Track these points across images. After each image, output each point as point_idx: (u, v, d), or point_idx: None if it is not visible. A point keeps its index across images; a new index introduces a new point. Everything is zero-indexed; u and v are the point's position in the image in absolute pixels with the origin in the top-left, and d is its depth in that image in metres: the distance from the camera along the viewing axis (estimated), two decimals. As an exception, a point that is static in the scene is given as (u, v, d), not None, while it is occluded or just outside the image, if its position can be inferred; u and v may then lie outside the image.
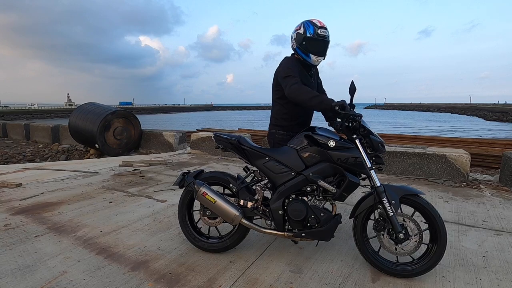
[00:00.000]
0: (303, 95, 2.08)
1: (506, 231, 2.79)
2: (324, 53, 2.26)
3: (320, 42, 2.20)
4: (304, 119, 2.44)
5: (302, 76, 2.25)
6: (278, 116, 2.42)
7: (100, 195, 3.76)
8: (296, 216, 2.07)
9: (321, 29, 2.18)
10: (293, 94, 2.11)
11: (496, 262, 2.23)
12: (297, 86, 2.10)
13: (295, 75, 2.16)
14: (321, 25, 2.20)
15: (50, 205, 3.36)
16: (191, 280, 2.00)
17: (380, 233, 2.05)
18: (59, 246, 2.42)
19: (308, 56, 2.23)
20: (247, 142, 2.28)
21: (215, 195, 2.22)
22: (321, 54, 2.24)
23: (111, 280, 1.98)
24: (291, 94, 2.12)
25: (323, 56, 2.27)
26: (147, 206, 3.39)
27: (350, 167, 2.03)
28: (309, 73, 2.34)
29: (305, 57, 2.25)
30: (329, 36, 2.23)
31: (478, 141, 9.97)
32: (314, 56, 2.23)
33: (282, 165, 2.15)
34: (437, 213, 1.98)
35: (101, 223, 2.90)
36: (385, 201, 1.97)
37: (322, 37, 2.19)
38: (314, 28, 2.18)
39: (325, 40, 2.22)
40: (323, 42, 2.21)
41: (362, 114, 2.04)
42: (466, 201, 3.65)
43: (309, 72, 2.34)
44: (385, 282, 1.98)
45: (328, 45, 2.25)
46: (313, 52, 2.22)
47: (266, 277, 2.04)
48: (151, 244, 2.48)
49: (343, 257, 2.29)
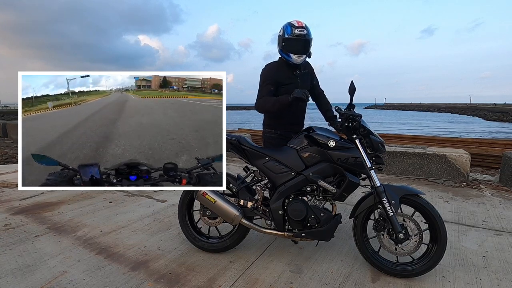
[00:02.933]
0: (266, 106, 2.27)
1: (506, 231, 2.79)
2: (305, 51, 2.28)
3: (297, 41, 2.24)
4: (292, 119, 2.46)
5: (282, 79, 2.32)
6: (266, 116, 2.51)
7: (100, 195, 3.76)
8: (296, 216, 2.07)
9: (298, 29, 2.23)
10: (259, 109, 2.34)
11: (496, 262, 2.23)
12: (260, 101, 2.30)
13: (264, 86, 2.31)
14: (299, 24, 2.24)
15: (50, 205, 3.36)
16: (191, 280, 2.00)
17: (380, 233, 2.05)
18: (59, 246, 2.42)
19: (289, 56, 2.28)
20: (247, 142, 2.28)
21: (215, 195, 2.22)
22: (301, 53, 2.27)
23: (111, 280, 1.98)
24: (257, 109, 2.35)
25: (303, 54, 2.28)
26: (147, 206, 3.39)
27: (350, 167, 2.03)
28: (294, 73, 2.38)
29: (287, 57, 2.30)
30: (310, 34, 2.26)
31: (478, 141, 9.97)
32: (293, 55, 2.27)
33: (282, 165, 2.16)
34: (437, 213, 1.98)
35: (101, 223, 2.90)
36: (385, 201, 1.97)
37: (299, 36, 2.23)
38: (291, 28, 2.24)
39: (303, 38, 2.24)
40: (301, 40, 2.24)
41: (362, 114, 2.05)
42: (466, 201, 3.64)
43: (294, 72, 2.38)
44: (385, 282, 1.98)
45: (308, 43, 2.27)
46: (292, 51, 2.26)
47: (266, 277, 2.04)
48: (151, 244, 2.48)
49: (343, 257, 2.29)
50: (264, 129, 2.55)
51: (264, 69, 2.40)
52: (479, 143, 9.63)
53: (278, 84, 2.31)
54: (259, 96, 2.32)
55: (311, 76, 2.54)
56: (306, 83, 2.47)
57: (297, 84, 2.37)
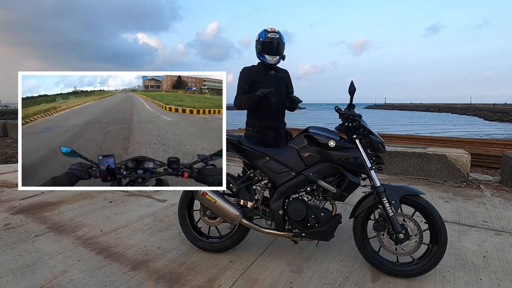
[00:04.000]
0: (241, 103, 2.57)
1: (506, 231, 2.79)
2: (277, 53, 2.53)
3: (270, 43, 2.50)
4: (269, 117, 2.62)
5: (256, 77, 2.58)
6: (248, 115, 2.75)
7: (100, 194, 3.76)
8: (296, 216, 2.07)
9: (271, 33, 2.52)
10: (236, 106, 2.63)
11: (496, 262, 2.23)
12: (237, 99, 2.61)
13: (240, 86, 2.60)
14: (272, 30, 2.55)
15: (50, 205, 3.36)
16: (191, 279, 2.00)
17: (380, 233, 2.05)
18: (59, 246, 2.42)
19: (264, 57, 2.54)
20: (247, 142, 2.28)
21: (215, 195, 2.22)
22: (274, 54, 2.52)
23: (111, 279, 1.98)
24: (235, 106, 2.64)
25: (277, 55, 2.53)
26: (147, 205, 3.39)
27: (350, 167, 2.03)
28: (269, 73, 2.61)
29: (262, 58, 2.56)
30: (282, 38, 2.54)
31: (478, 141, 9.97)
32: (268, 56, 2.53)
33: (282, 165, 2.16)
34: (437, 213, 1.98)
35: (101, 222, 2.90)
36: (385, 201, 1.97)
37: (271, 39, 2.50)
38: (265, 33, 2.54)
39: (275, 40, 2.50)
40: (274, 43, 2.50)
41: (362, 114, 2.05)
42: (466, 201, 3.64)
43: (269, 72, 2.61)
44: (385, 282, 1.98)
45: (280, 46, 2.52)
46: (266, 53, 2.52)
47: (266, 277, 2.04)
48: (151, 244, 2.48)
49: (343, 257, 2.29)
50: (245, 128, 2.75)
51: (241, 71, 2.65)
52: (479, 143, 9.63)
53: (253, 83, 2.55)
54: (236, 95, 2.61)
55: (287, 84, 2.71)
56: (280, 85, 2.65)
57: (271, 82, 2.58)
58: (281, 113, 2.72)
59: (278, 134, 2.67)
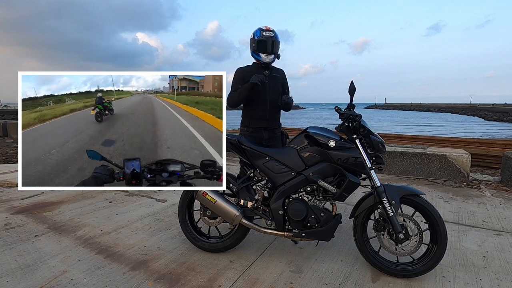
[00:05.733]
0: (234, 98, 2.55)
1: (506, 231, 2.79)
2: (272, 51, 2.52)
3: (265, 42, 2.50)
4: (263, 116, 2.61)
5: (250, 76, 2.50)
6: (242, 115, 2.74)
7: (101, 194, 3.76)
8: (296, 216, 2.07)
9: (265, 32, 2.52)
10: (228, 103, 2.58)
11: (496, 262, 2.23)
12: (228, 98, 2.59)
13: (233, 85, 2.61)
14: (266, 28, 2.54)
15: (50, 205, 3.36)
16: (191, 279, 2.00)
17: (380, 233, 2.05)
18: (59, 246, 2.42)
19: (259, 56, 2.54)
20: (247, 142, 2.28)
21: (215, 195, 2.22)
22: (269, 52, 2.51)
23: (111, 279, 1.98)
24: (228, 104, 2.57)
25: (271, 53, 2.52)
26: (147, 205, 3.39)
27: (350, 167, 2.03)
28: (264, 72, 2.58)
29: (257, 57, 2.56)
30: (277, 37, 2.54)
31: (478, 141, 9.98)
32: (263, 54, 2.52)
33: (282, 165, 2.16)
34: (438, 213, 1.98)
35: (101, 222, 2.90)
36: (385, 201, 1.97)
37: (266, 37, 2.50)
38: (260, 32, 2.53)
39: (270, 39, 2.50)
40: (269, 41, 2.50)
41: (362, 114, 2.05)
42: (466, 201, 3.64)
43: (263, 71, 2.59)
44: (385, 282, 1.98)
45: (275, 44, 2.52)
46: (261, 51, 2.52)
47: (266, 277, 2.04)
48: (151, 244, 2.48)
49: (343, 257, 2.29)
50: (240, 128, 2.74)
51: (236, 71, 2.65)
52: (479, 143, 9.64)
53: (246, 83, 2.49)
54: (229, 94, 2.60)
55: (282, 84, 2.70)
56: (275, 85, 2.64)
57: (265, 82, 2.54)
58: (276, 113, 2.71)
59: (273, 134, 2.66)
